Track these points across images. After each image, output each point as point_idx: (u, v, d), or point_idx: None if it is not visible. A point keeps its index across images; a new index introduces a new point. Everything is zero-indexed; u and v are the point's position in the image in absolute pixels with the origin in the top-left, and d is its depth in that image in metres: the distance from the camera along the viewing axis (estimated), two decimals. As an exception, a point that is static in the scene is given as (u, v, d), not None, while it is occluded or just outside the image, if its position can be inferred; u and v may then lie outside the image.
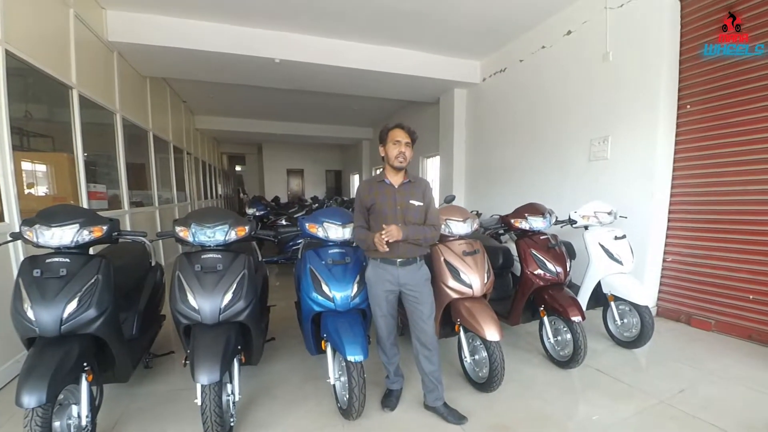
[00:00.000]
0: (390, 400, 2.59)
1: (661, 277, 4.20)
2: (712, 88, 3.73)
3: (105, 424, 2.35)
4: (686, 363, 3.15)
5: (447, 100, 7.64)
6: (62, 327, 1.96)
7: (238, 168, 20.38)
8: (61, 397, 1.92)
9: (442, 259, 2.76)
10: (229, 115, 11.66)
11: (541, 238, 3.30)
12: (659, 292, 4.22)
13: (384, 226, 2.25)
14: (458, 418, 2.40)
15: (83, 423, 1.98)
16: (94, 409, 2.09)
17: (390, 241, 2.22)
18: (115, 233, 2.39)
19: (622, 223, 3.78)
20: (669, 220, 4.12)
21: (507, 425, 2.39)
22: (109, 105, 5.01)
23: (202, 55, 5.44)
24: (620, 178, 4.32)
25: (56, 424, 1.89)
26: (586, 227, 3.60)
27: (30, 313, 1.93)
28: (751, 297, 3.52)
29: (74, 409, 2.00)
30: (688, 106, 3.92)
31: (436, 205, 2.58)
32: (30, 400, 1.71)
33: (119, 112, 5.28)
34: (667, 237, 4.14)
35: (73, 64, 4.04)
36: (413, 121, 8.79)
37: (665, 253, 4.16)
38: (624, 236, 3.51)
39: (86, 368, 2.02)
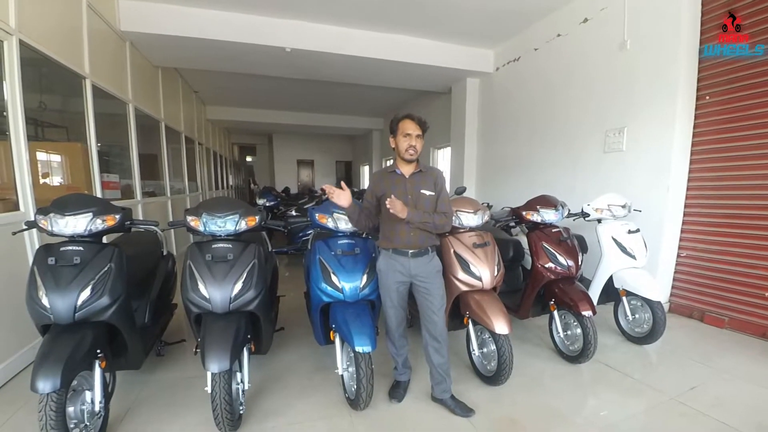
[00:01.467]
0: (397, 391, 2.60)
1: (675, 272, 4.13)
2: (732, 78, 3.62)
3: (117, 410, 2.40)
4: (698, 360, 3.10)
5: (459, 89, 7.55)
6: (76, 314, 2.00)
7: (248, 158, 20.45)
8: (74, 383, 1.96)
9: (452, 251, 2.75)
10: (240, 105, 11.67)
11: (553, 231, 3.26)
12: (672, 287, 4.15)
13: (392, 197, 2.21)
14: (465, 411, 2.40)
15: (96, 409, 2.02)
16: (107, 395, 2.13)
17: (391, 211, 2.18)
18: (128, 222, 2.43)
19: (636, 216, 3.72)
20: (684, 215, 4.03)
21: (514, 419, 2.39)
22: (121, 95, 5.04)
23: (213, 44, 5.43)
24: (635, 171, 4.24)
25: (70, 409, 1.93)
26: (599, 220, 3.54)
27: (45, 301, 1.97)
28: (766, 294, 3.45)
29: (88, 395, 2.04)
30: (707, 98, 3.81)
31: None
32: (44, 385, 1.74)
33: (132, 102, 5.32)
34: (681, 232, 4.06)
35: (86, 54, 4.06)
36: (424, 111, 8.70)
37: (679, 248, 4.08)
38: (638, 230, 3.45)
39: (99, 355, 2.06)
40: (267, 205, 8.16)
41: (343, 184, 2.40)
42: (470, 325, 2.77)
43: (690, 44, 3.80)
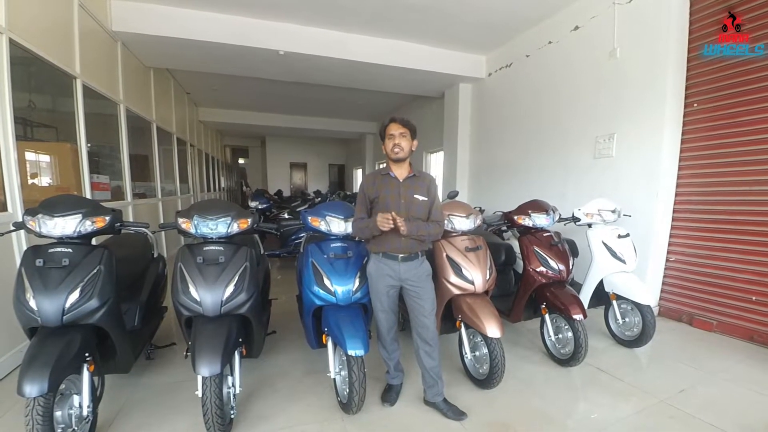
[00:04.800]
0: (390, 395, 2.60)
1: (664, 276, 4.18)
2: (719, 86, 3.69)
3: (106, 414, 2.36)
4: (687, 363, 3.14)
5: (452, 94, 7.60)
6: (64, 317, 1.97)
7: (241, 161, 20.38)
8: (62, 386, 1.93)
9: (444, 254, 2.76)
10: (233, 107, 11.64)
11: (544, 235, 3.28)
12: (661, 291, 4.20)
13: (393, 213, 2.19)
14: (458, 414, 2.41)
15: (84, 413, 1.99)
16: (95, 399, 2.10)
17: (392, 226, 2.17)
18: (118, 224, 2.39)
19: (626, 221, 3.76)
20: (673, 220, 4.09)
21: (506, 422, 2.39)
22: (112, 95, 4.99)
23: (205, 46, 5.41)
24: (625, 177, 4.29)
25: (57, 413, 1.90)
26: (589, 225, 3.58)
27: (32, 303, 1.93)
28: (753, 298, 3.50)
29: (76, 399, 2.01)
30: (695, 105, 3.88)
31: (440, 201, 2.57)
32: (31, 389, 1.71)
33: (123, 102, 5.27)
34: (670, 236, 4.12)
35: (77, 54, 4.02)
36: (417, 116, 8.76)
37: (668, 252, 4.14)
38: (627, 235, 3.49)
39: (88, 358, 2.03)
40: (259, 207, 8.11)
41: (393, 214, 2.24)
42: (462, 329, 2.77)
43: (678, 52, 3.87)
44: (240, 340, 2.32)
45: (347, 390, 2.37)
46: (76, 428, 1.98)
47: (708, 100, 3.79)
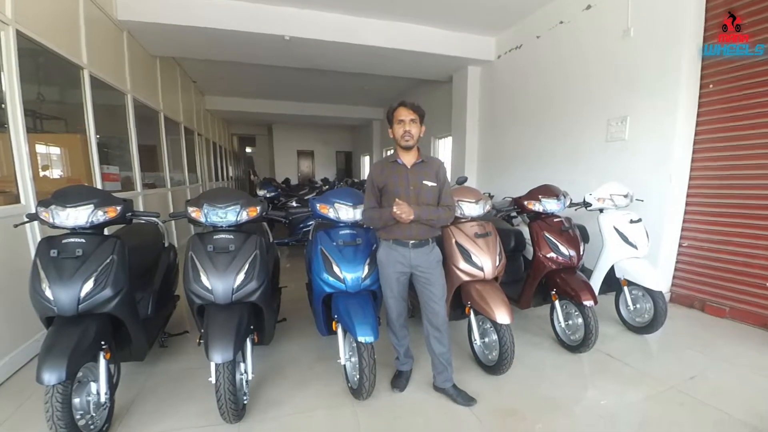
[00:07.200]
0: (400, 381, 2.62)
1: (676, 262, 4.13)
2: (736, 66, 3.58)
3: (123, 401, 2.42)
4: (698, 350, 3.12)
5: (460, 78, 7.48)
6: (80, 306, 2.01)
7: (248, 149, 20.35)
8: (80, 374, 1.97)
9: (453, 241, 2.74)
10: (240, 95, 11.61)
11: (555, 220, 3.25)
12: (673, 277, 4.16)
13: (396, 200, 2.22)
14: (467, 400, 2.42)
15: (102, 399, 2.04)
16: (112, 386, 2.15)
17: (412, 218, 2.20)
18: (129, 214, 2.42)
19: (638, 206, 3.70)
20: (686, 204, 4.02)
21: (515, 408, 2.41)
22: (120, 85, 5.00)
23: (211, 32, 5.36)
24: (638, 160, 4.21)
25: (76, 400, 1.95)
26: (601, 210, 3.53)
27: (48, 293, 1.97)
28: (767, 284, 3.45)
29: (93, 386, 2.06)
30: (711, 86, 3.78)
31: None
32: (50, 377, 1.76)
33: (130, 92, 5.28)
34: (683, 221, 4.05)
35: (84, 44, 4.01)
36: (425, 101, 8.63)
37: (681, 238, 4.08)
38: (639, 220, 3.44)
39: (104, 346, 2.07)
40: (267, 196, 8.14)
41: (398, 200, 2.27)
42: (472, 315, 2.78)
43: (694, 31, 3.75)
44: (251, 327, 2.35)
45: (357, 376, 2.40)
46: (94, 414, 2.04)
47: (723, 81, 3.68)
